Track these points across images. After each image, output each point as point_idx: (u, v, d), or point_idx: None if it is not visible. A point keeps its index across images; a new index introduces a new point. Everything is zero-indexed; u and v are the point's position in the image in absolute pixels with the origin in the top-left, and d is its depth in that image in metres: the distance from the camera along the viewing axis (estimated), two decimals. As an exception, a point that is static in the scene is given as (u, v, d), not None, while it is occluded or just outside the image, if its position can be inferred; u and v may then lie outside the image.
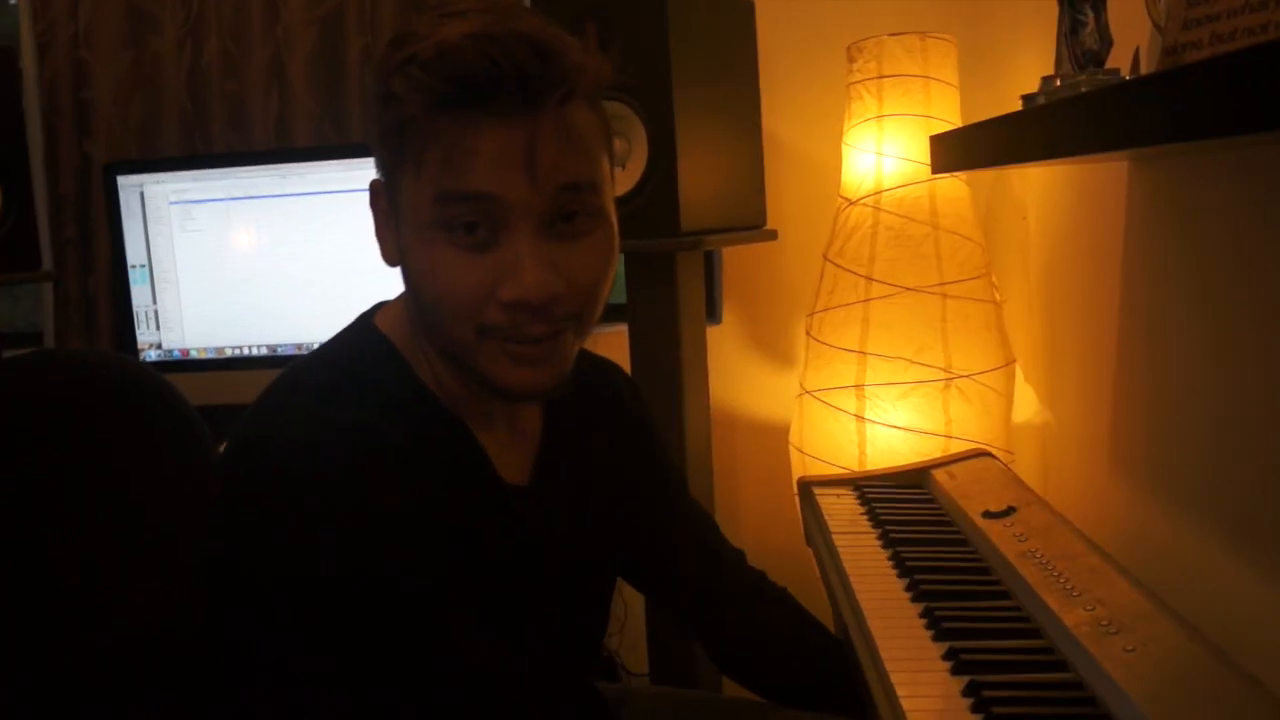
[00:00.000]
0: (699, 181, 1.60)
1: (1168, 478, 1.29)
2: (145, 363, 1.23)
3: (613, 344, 2.00)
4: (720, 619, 1.21)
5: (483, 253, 0.83)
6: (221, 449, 0.92)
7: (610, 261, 0.90)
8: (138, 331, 2.04)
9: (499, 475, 0.96)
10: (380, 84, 0.84)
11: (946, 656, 0.92)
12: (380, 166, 0.89)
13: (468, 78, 0.80)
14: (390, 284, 0.93)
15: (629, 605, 1.95)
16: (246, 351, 2.03)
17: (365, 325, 0.96)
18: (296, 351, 1.99)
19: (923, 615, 1.02)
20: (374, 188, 0.91)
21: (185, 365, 2.04)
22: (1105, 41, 1.04)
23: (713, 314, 2.10)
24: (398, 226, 0.88)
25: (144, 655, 1.03)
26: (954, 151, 1.41)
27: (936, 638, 0.97)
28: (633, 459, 1.14)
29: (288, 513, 0.82)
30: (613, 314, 1.43)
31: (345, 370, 0.91)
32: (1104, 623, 0.92)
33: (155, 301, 2.03)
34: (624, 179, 1.57)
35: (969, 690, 0.86)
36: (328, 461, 0.83)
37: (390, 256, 0.91)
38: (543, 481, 1.01)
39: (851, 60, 1.72)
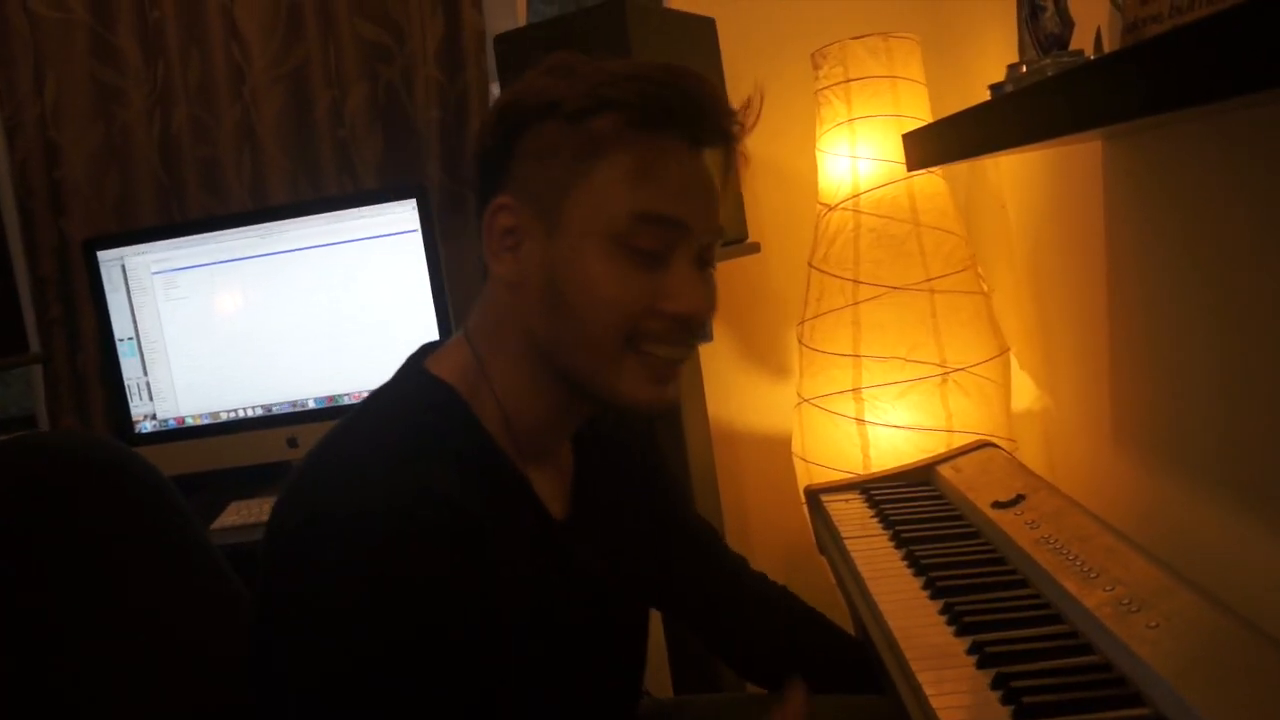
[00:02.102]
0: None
1: (1172, 449, 1.29)
2: (116, 440, 1.20)
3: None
4: (736, 628, 1.23)
5: (649, 270, 0.88)
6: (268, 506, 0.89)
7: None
8: (131, 404, 2.03)
9: (549, 513, 0.96)
10: (563, 98, 0.87)
11: (971, 651, 0.92)
12: (522, 183, 0.90)
13: (696, 102, 0.88)
14: (379, 334, 0.93)
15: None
16: (242, 414, 2.02)
17: (420, 372, 0.94)
18: (292, 409, 1.98)
19: (943, 612, 1.02)
20: (500, 206, 0.91)
21: (181, 433, 2.03)
22: (1066, 24, 1.05)
23: (704, 331, 2.10)
24: (546, 240, 0.89)
25: None
26: (928, 147, 1.42)
27: (959, 633, 0.97)
28: (648, 483, 1.16)
29: (369, 585, 0.78)
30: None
31: (412, 426, 0.89)
32: (1125, 602, 0.92)
33: (146, 373, 2.02)
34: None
35: (997, 683, 0.85)
36: (408, 535, 0.79)
37: (513, 272, 0.90)
38: (580, 514, 1.01)
39: (817, 66, 1.73)
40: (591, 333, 0.88)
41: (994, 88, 1.18)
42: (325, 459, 0.88)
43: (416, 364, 0.96)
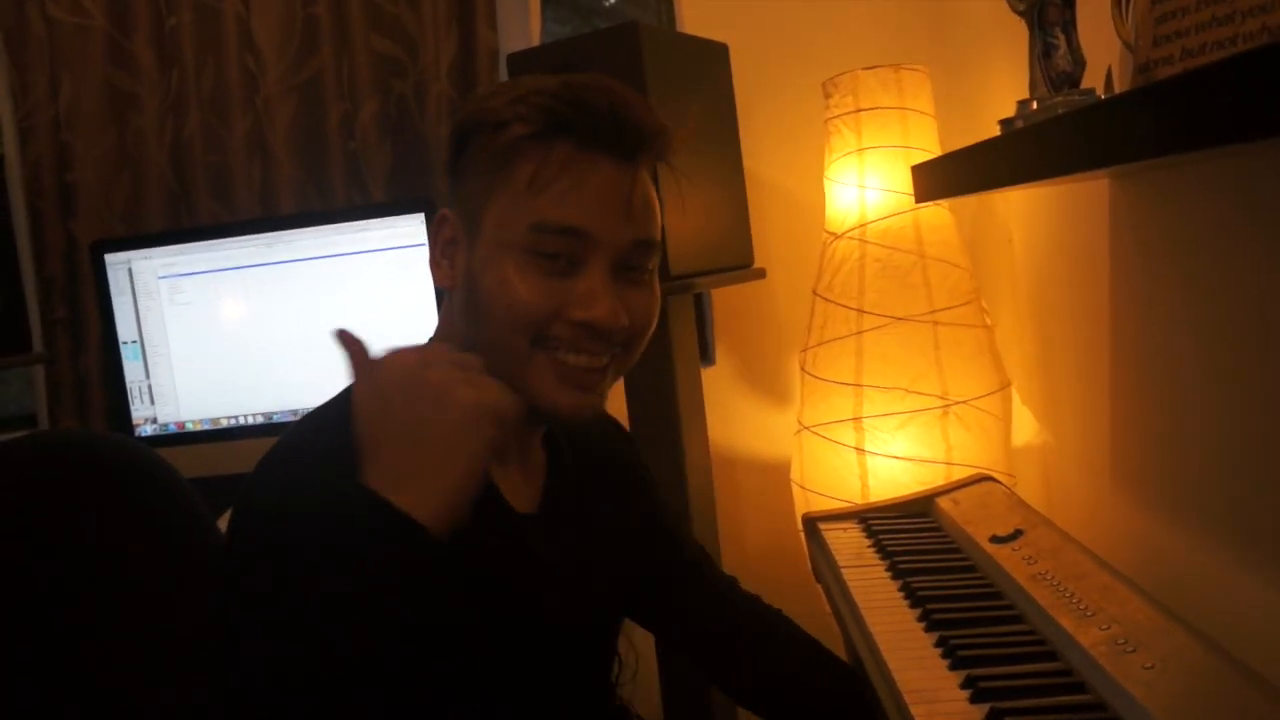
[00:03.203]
0: (685, 225, 1.61)
1: (1172, 491, 1.29)
2: (137, 439, 1.20)
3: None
4: (728, 652, 1.23)
5: (559, 279, 0.90)
6: (226, 519, 0.91)
7: (656, 314, 0.98)
8: (132, 407, 2.04)
9: (510, 505, 0.98)
10: (488, 111, 0.92)
11: (964, 685, 0.92)
12: (460, 194, 0.95)
13: (594, 114, 0.89)
14: (383, 346, 0.93)
15: (640, 653, 1.92)
16: (242, 421, 2.02)
17: None
18: (292, 419, 1.98)
19: (938, 645, 1.01)
20: (442, 217, 0.96)
21: (182, 438, 2.03)
22: (1078, 63, 1.06)
23: (705, 355, 2.10)
24: (469, 248, 0.93)
25: None
26: (937, 179, 1.42)
27: (953, 666, 0.96)
28: (631, 494, 1.18)
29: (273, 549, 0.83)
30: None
31: (346, 432, 0.91)
32: (1120, 641, 0.92)
33: (148, 376, 2.03)
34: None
35: (990, 718, 0.85)
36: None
37: (447, 279, 0.96)
38: (550, 509, 1.03)
39: (828, 96, 1.74)
40: (499, 335, 0.91)
41: (1004, 123, 1.18)
42: (264, 468, 0.91)
43: None
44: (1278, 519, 1.05)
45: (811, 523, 1.49)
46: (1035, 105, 1.12)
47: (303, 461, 0.88)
